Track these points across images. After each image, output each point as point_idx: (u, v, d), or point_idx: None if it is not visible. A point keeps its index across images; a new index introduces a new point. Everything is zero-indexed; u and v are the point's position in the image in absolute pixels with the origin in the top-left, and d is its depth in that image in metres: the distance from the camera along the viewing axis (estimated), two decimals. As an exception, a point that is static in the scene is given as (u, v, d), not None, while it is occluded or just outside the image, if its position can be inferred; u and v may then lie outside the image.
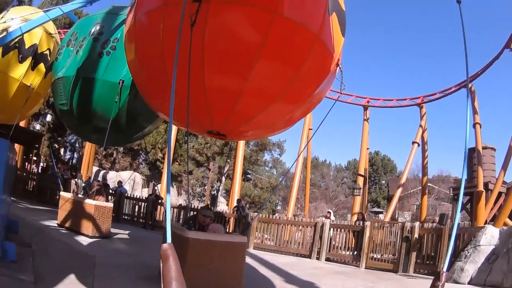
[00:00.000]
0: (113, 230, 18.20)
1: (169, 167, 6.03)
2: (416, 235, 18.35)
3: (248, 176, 72.89)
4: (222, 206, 52.29)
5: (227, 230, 20.63)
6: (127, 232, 21.04)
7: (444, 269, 4.58)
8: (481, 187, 29.43)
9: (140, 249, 16.03)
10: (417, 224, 19.15)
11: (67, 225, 17.49)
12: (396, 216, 59.45)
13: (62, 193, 18.94)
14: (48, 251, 12.40)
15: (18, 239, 11.45)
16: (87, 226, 16.56)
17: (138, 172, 56.85)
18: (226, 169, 64.24)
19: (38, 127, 48.38)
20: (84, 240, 15.81)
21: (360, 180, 40.74)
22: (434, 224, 21.68)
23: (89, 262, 11.69)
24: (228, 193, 53.69)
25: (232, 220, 23.89)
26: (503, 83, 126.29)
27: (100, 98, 15.38)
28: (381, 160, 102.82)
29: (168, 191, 5.25)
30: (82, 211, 16.83)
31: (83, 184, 25.63)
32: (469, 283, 15.13)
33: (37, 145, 36.35)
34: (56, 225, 17.89)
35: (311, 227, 21.88)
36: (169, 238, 4.22)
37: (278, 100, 8.87)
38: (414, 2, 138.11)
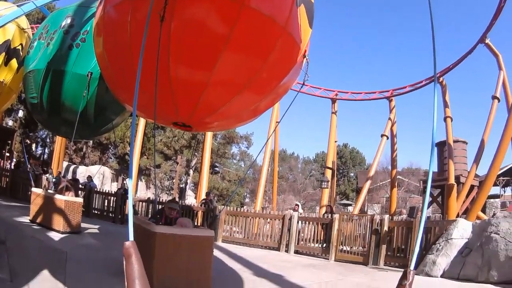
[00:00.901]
0: (83, 225, 18.20)
1: (131, 167, 5.94)
2: (385, 228, 18.36)
3: (216, 169, 72.98)
4: (190, 199, 52.15)
5: (196, 224, 20.67)
6: (97, 226, 20.95)
7: (412, 267, 4.50)
8: (452, 180, 29.72)
9: (110, 243, 15.93)
10: (386, 217, 19.21)
11: (38, 220, 17.52)
12: (366, 209, 59.90)
13: (33, 189, 19.01)
14: (22, 248, 12.41)
15: (-7, 237, 11.50)
16: (58, 222, 16.59)
17: (107, 166, 57.05)
18: (194, 162, 64.07)
19: (10, 123, 48.28)
20: (55, 236, 15.78)
21: (328, 173, 40.75)
22: (404, 216, 21.74)
23: (61, 258, 11.67)
24: (196, 186, 53.50)
25: (200, 213, 23.80)
26: (476, 78, 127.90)
27: (68, 90, 15.39)
28: (350, 152, 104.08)
29: (130, 186, 5.20)
30: (52, 206, 16.82)
31: (53, 180, 25.51)
32: (441, 276, 15.06)
33: (9, 141, 36.18)
34: (28, 221, 17.90)
35: (279, 220, 21.91)
36: (131, 236, 4.14)
37: (243, 91, 8.90)
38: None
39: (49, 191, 19.05)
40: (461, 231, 15.75)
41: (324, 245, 20.38)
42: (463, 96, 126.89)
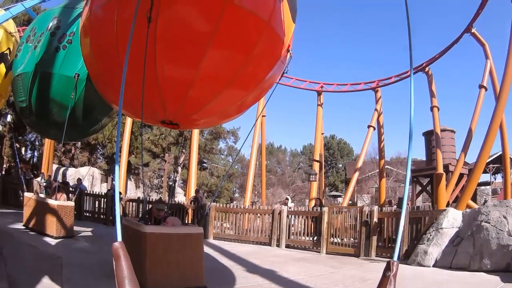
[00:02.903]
0: (76, 228, 18.40)
1: (117, 167, 5.90)
2: (375, 219, 18.49)
3: (204, 165, 73.01)
4: (180, 196, 51.95)
5: (186, 222, 21.07)
6: (89, 229, 21.14)
7: (395, 258, 4.52)
8: (440, 170, 29.83)
9: (103, 246, 15.86)
10: (375, 208, 19.27)
11: (32, 226, 17.85)
12: (355, 199, 60.09)
13: (25, 194, 19.23)
14: (19, 255, 12.61)
15: (-10, 246, 11.62)
16: (51, 227, 16.81)
17: (96, 167, 56.67)
18: (182, 159, 64.02)
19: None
20: (50, 241, 16.03)
21: (316, 166, 40.79)
22: (394, 207, 21.84)
23: (56, 264, 11.79)
24: (185, 183, 53.38)
25: (190, 211, 23.91)
26: (463, 67, 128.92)
27: (56, 92, 15.33)
28: (337, 143, 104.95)
29: (117, 186, 5.20)
30: (45, 211, 17.09)
31: (44, 184, 25.52)
32: (434, 265, 15.20)
33: (-1, 147, 36.16)
34: (22, 227, 18.20)
35: (269, 215, 21.93)
36: (119, 237, 4.16)
37: (229, 87, 8.94)
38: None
39: (40, 195, 19.13)
40: (451, 221, 15.88)
41: (315, 238, 20.47)
42: (450, 85, 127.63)
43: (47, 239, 16.31)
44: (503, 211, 14.17)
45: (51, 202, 17.16)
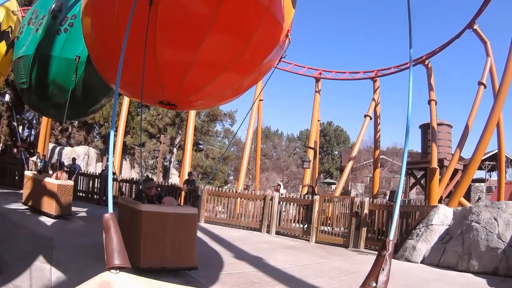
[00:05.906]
0: (72, 209, 18.33)
1: (113, 124, 5.89)
2: (366, 211, 18.50)
3: (200, 146, 73.07)
4: (174, 178, 52.17)
5: (179, 203, 20.78)
6: (84, 209, 21.18)
7: (391, 238, 4.51)
8: (434, 164, 29.73)
9: (96, 227, 15.80)
10: (366, 200, 19.28)
11: (31, 204, 18.07)
12: (349, 188, 60.07)
13: (26, 173, 19.38)
14: (11, 237, 12.65)
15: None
16: (50, 206, 17.00)
17: (92, 146, 56.79)
18: (177, 140, 64.05)
19: (-3, 107, 47.76)
20: (45, 221, 16.19)
21: (310, 153, 40.74)
22: (387, 197, 21.90)
23: (47, 246, 11.82)
24: (180, 164, 53.48)
25: (183, 193, 23.85)
26: (463, 63, 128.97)
27: (57, 75, 15.38)
28: (334, 130, 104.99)
29: (111, 155, 5.19)
30: (45, 190, 17.22)
31: (40, 164, 25.54)
32: (422, 262, 15.19)
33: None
34: (18, 206, 18.39)
35: (260, 200, 21.97)
36: (110, 208, 4.14)
37: (227, 71, 9.00)
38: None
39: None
40: (442, 217, 15.85)
41: (305, 226, 20.63)
42: (449, 80, 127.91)
43: (42, 219, 16.44)
44: (494, 212, 14.11)
45: (52, 181, 17.37)
